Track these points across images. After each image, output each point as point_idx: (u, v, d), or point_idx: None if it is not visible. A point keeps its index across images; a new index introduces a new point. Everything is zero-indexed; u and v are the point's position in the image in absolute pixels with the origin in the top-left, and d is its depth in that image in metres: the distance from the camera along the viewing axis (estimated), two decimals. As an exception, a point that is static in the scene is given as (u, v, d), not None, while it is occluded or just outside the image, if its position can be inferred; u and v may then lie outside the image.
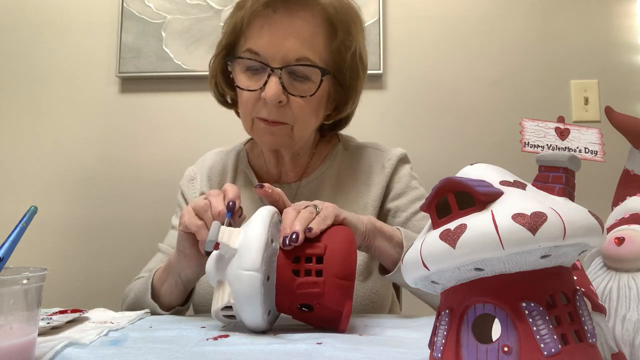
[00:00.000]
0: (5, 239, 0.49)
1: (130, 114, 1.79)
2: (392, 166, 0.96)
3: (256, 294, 0.60)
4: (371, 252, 0.78)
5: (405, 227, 0.93)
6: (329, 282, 0.62)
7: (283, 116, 0.85)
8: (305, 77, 0.84)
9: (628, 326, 0.46)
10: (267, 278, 0.61)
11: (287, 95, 0.84)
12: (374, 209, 0.93)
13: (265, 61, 0.83)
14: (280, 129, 0.86)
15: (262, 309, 0.61)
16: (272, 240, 0.63)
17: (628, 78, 1.71)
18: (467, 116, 1.72)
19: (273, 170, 0.98)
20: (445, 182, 0.40)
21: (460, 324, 0.38)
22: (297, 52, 0.82)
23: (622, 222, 0.51)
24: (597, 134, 0.44)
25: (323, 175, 0.98)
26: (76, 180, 1.77)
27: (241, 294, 0.60)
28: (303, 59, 0.83)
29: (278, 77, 0.82)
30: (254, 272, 0.59)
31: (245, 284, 0.60)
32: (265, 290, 0.61)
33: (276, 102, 0.83)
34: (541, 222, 0.35)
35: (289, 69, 0.83)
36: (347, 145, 1.02)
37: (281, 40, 0.82)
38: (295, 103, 0.84)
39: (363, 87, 0.94)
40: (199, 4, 1.77)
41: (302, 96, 0.84)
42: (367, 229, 0.74)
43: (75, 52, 1.82)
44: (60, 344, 0.55)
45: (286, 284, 0.62)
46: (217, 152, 1.06)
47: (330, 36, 0.85)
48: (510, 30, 1.74)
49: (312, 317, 0.64)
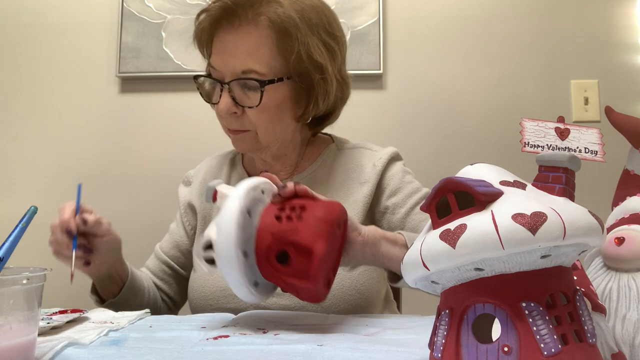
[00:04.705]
0: (5, 239, 0.49)
1: (130, 114, 1.78)
2: (383, 164, 0.97)
3: (233, 222, 0.62)
4: (379, 260, 0.77)
5: (405, 221, 0.94)
6: (306, 221, 0.63)
7: (243, 125, 0.90)
8: (254, 87, 0.87)
9: (628, 326, 0.46)
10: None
11: (239, 107, 0.89)
12: (364, 205, 0.94)
13: (220, 76, 0.89)
14: (244, 136, 0.92)
15: (239, 249, 0.62)
16: (249, 211, 0.64)
17: (628, 78, 1.71)
18: (467, 116, 1.72)
19: (263, 169, 1.01)
20: (445, 182, 0.40)
21: (460, 324, 0.38)
22: (242, 65, 0.87)
23: (622, 222, 0.51)
24: (597, 134, 0.44)
25: (314, 173, 0.99)
26: (76, 180, 1.76)
27: (221, 226, 0.63)
28: (248, 71, 0.87)
29: (228, 91, 0.88)
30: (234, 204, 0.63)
31: (225, 217, 0.62)
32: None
33: (228, 114, 0.89)
34: (541, 222, 0.35)
35: (239, 82, 0.88)
36: (341, 146, 1.04)
37: (228, 56, 0.88)
38: (250, 112, 0.89)
39: (332, 85, 0.93)
40: (199, 4, 1.77)
41: (250, 107, 0.88)
42: (369, 232, 0.74)
43: (75, 52, 1.81)
44: (60, 344, 0.55)
45: (266, 228, 0.64)
46: (215, 157, 1.10)
47: (275, 43, 0.88)
48: (510, 30, 1.74)
49: (289, 272, 0.63)
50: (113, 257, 0.90)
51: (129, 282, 0.93)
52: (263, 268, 0.64)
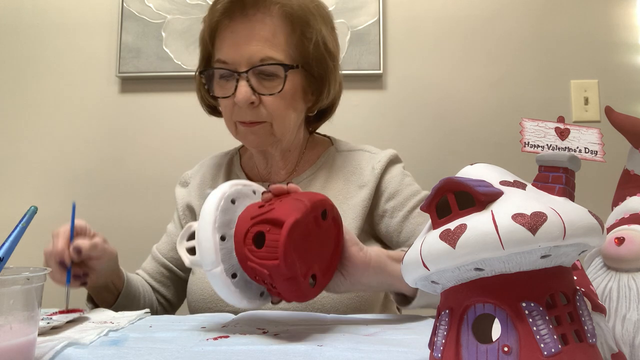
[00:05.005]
0: (5, 239, 0.49)
1: (130, 114, 1.78)
2: (381, 167, 0.97)
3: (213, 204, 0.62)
4: (386, 282, 0.73)
5: (403, 225, 0.93)
6: (284, 201, 0.62)
7: (259, 116, 0.89)
8: (273, 74, 0.87)
9: (628, 326, 0.46)
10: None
11: (257, 96, 0.87)
12: (363, 208, 0.93)
13: (232, 68, 0.87)
14: (260, 128, 0.90)
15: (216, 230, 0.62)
16: (233, 200, 0.65)
17: (628, 78, 1.71)
18: (467, 116, 1.72)
19: (262, 170, 1.00)
20: (445, 182, 0.40)
21: (460, 324, 0.38)
22: (259, 53, 0.86)
23: (622, 222, 0.51)
24: (597, 134, 0.44)
25: (314, 175, 0.99)
26: (76, 180, 1.77)
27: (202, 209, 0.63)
28: (266, 59, 0.86)
29: (246, 80, 0.86)
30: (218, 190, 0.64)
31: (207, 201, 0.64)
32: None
33: (247, 104, 0.87)
34: (541, 222, 0.35)
35: (256, 70, 0.86)
36: (340, 148, 1.03)
37: (243, 45, 0.86)
38: (267, 101, 0.88)
39: (339, 76, 0.97)
40: (199, 4, 1.77)
41: (271, 94, 0.87)
42: (373, 253, 0.71)
43: (75, 52, 1.81)
44: (60, 344, 0.55)
45: (247, 214, 0.63)
46: (212, 157, 1.09)
47: (290, 32, 0.88)
48: (510, 30, 1.74)
49: (262, 255, 0.59)
50: (109, 271, 0.89)
51: (125, 290, 0.92)
52: (239, 253, 0.62)
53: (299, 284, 0.61)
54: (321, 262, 0.66)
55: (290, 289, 0.61)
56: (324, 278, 0.67)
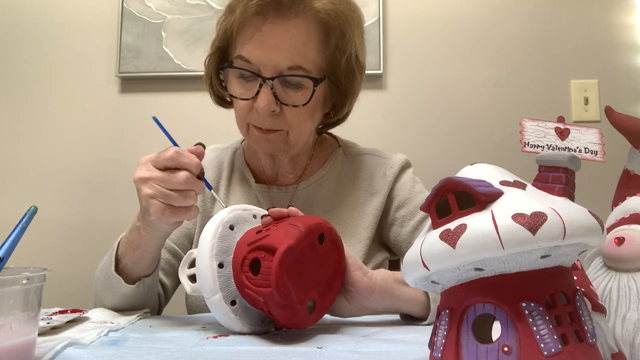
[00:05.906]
0: (5, 239, 0.49)
1: (130, 114, 1.78)
2: (394, 174, 0.94)
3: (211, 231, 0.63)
4: (393, 306, 0.71)
5: (413, 235, 0.91)
6: (280, 227, 0.62)
7: (277, 124, 0.84)
8: (298, 85, 0.82)
9: (628, 326, 0.46)
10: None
11: (279, 104, 0.82)
12: (374, 217, 0.91)
13: (257, 70, 0.81)
14: (275, 136, 0.85)
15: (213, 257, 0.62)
16: (232, 226, 0.65)
17: (628, 78, 1.71)
18: (467, 116, 1.72)
19: (269, 171, 0.97)
20: (445, 182, 0.40)
21: (460, 324, 0.38)
22: (289, 61, 0.80)
23: (622, 222, 0.51)
24: (597, 134, 0.44)
25: (322, 179, 0.96)
26: (76, 180, 1.77)
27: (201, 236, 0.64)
28: (295, 68, 0.80)
29: (270, 88, 0.80)
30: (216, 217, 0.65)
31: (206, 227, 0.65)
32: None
33: (268, 112, 0.81)
34: (541, 222, 0.35)
35: (282, 79, 0.81)
36: (347, 150, 1.00)
37: (273, 49, 0.80)
38: (289, 111, 0.83)
39: (361, 87, 0.93)
40: (199, 4, 1.77)
41: (295, 105, 0.82)
42: (379, 277, 0.69)
43: (75, 52, 1.81)
44: (60, 344, 0.55)
45: (245, 240, 0.63)
46: (212, 149, 1.03)
47: (324, 41, 0.83)
48: (510, 30, 1.74)
49: (257, 282, 0.59)
50: (161, 241, 0.80)
51: (154, 275, 0.83)
52: (237, 280, 0.61)
53: (295, 312, 0.60)
54: (320, 287, 0.65)
55: (286, 317, 0.60)
56: (324, 302, 0.65)
